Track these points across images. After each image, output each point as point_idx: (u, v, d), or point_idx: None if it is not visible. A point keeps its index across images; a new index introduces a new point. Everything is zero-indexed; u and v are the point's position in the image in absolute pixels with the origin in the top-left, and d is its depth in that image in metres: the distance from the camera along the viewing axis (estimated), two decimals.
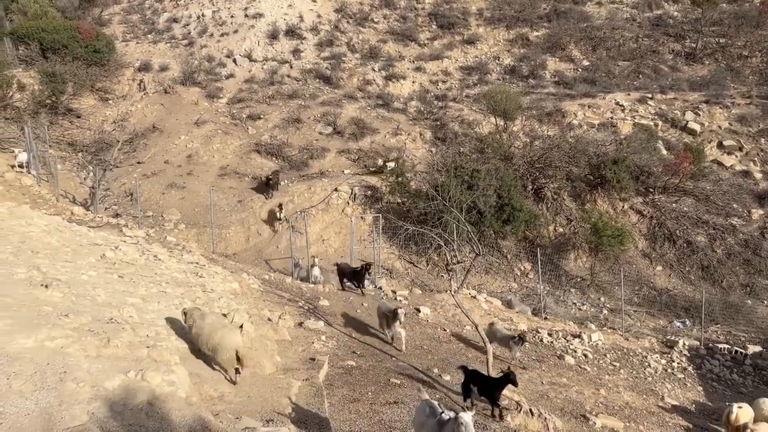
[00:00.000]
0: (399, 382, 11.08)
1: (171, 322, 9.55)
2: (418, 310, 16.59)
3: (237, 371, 8.35)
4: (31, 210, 15.42)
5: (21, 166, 21.68)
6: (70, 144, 28.75)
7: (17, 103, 28.60)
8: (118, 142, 27.52)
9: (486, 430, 9.44)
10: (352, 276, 17.56)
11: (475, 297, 18.89)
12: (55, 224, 14.02)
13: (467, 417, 6.58)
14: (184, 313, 8.97)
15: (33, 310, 7.49)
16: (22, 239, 11.38)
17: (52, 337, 6.72)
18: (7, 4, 41.03)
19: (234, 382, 8.38)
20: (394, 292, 18.44)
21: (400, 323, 13.12)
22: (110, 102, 33.48)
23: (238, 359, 8.29)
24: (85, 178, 24.51)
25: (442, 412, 7.10)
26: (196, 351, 8.82)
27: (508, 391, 10.52)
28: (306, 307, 15.43)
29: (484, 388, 10.07)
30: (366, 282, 17.87)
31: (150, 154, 28.74)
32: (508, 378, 9.96)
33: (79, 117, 31.14)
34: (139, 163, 28.06)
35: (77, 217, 17.91)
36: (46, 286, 8.54)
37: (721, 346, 17.07)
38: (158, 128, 30.89)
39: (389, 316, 13.21)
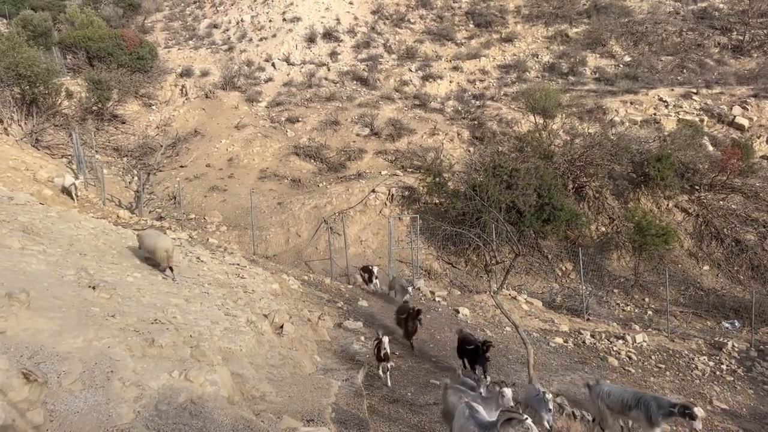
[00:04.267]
0: (439, 383, 11.03)
1: (213, 322, 9.72)
2: (457, 311, 16.49)
3: (171, 269, 11.16)
4: (79, 214, 15.86)
5: (64, 190, 19.13)
6: (116, 149, 29.54)
7: (65, 110, 29.55)
8: (162, 146, 28.28)
9: None
10: (466, 353, 11.65)
11: (515, 298, 18.70)
12: (101, 227, 14.38)
13: (531, 421, 6.53)
14: (138, 236, 12.21)
15: (81, 310, 7.67)
16: (71, 242, 11.70)
17: (99, 337, 6.87)
18: (54, 14, 42.47)
19: (173, 279, 11.11)
20: (432, 293, 18.39)
21: None
22: (153, 107, 34.28)
23: (169, 257, 11.10)
24: (130, 182, 25.19)
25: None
26: (146, 259, 11.88)
27: (550, 393, 10.27)
28: (345, 308, 15.50)
29: None
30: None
31: (192, 158, 29.32)
32: None
33: (123, 123, 31.98)
34: (181, 166, 28.67)
35: (123, 220, 18.32)
36: (94, 288, 8.74)
37: None
38: (200, 132, 31.50)
39: None
